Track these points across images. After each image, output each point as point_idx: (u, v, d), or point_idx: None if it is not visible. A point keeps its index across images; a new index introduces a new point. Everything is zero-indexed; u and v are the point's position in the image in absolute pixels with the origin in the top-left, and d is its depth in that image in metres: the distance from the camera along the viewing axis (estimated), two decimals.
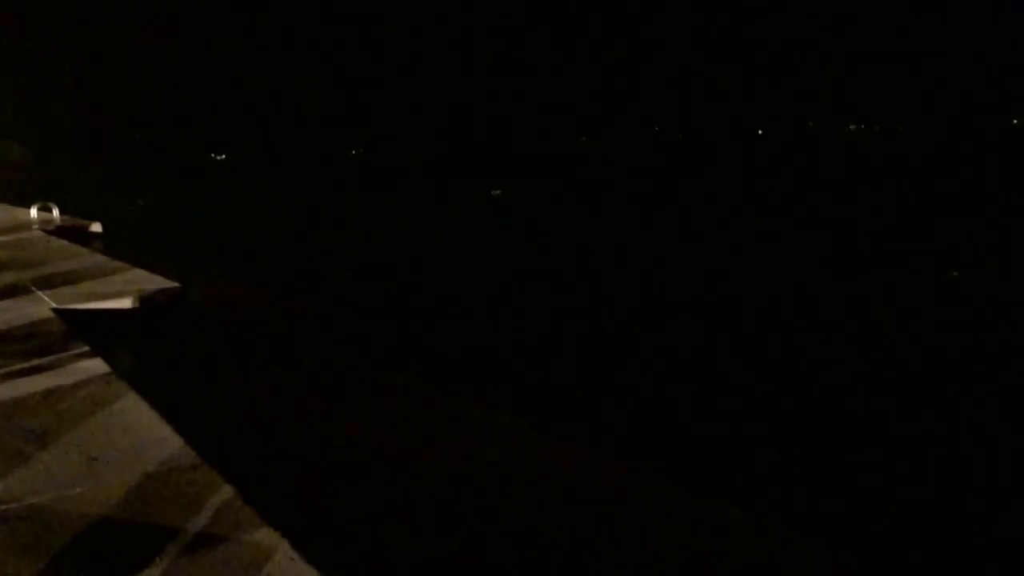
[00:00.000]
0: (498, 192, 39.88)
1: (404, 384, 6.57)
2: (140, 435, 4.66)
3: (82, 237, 18.33)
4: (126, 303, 9.22)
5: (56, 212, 20.94)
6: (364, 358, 7.65)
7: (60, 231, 18.85)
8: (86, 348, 6.83)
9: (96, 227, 20.93)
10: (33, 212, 20.88)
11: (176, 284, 9.91)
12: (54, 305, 8.86)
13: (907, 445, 6.54)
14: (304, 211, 36.32)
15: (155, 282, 10.14)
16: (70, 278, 10.73)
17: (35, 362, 6.43)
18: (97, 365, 6.26)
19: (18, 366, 6.32)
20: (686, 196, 35.19)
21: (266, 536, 3.39)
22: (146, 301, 9.33)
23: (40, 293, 9.62)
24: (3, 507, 3.78)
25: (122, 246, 16.74)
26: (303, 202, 41.05)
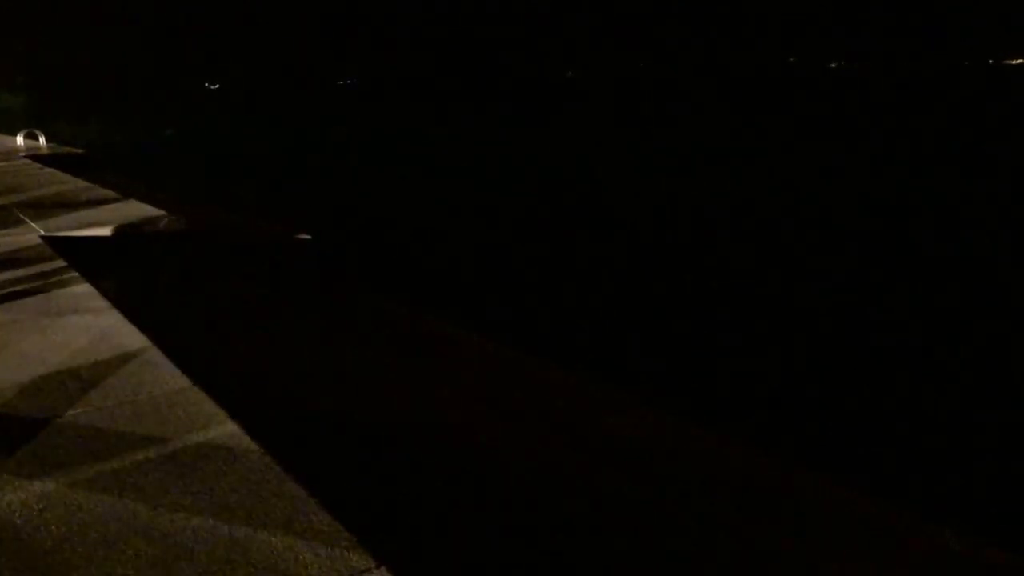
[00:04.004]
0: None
1: (381, 307, 6.75)
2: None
3: (69, 164, 18.24)
4: (112, 229, 9.31)
5: (43, 140, 20.77)
6: (339, 281, 7.80)
7: (46, 158, 18.74)
8: (74, 273, 6.96)
9: (82, 155, 20.80)
10: (19, 139, 20.71)
11: (161, 211, 10.00)
12: (42, 232, 8.95)
13: None
14: (291, 139, 35.93)
15: (141, 208, 10.22)
16: (57, 204, 10.79)
17: (24, 286, 6.57)
18: (85, 289, 6.41)
19: (7, 290, 6.46)
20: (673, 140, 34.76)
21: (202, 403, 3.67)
22: (132, 227, 9.42)
23: (27, 218, 9.69)
24: None
25: (109, 173, 16.68)
26: (291, 130, 40.53)
